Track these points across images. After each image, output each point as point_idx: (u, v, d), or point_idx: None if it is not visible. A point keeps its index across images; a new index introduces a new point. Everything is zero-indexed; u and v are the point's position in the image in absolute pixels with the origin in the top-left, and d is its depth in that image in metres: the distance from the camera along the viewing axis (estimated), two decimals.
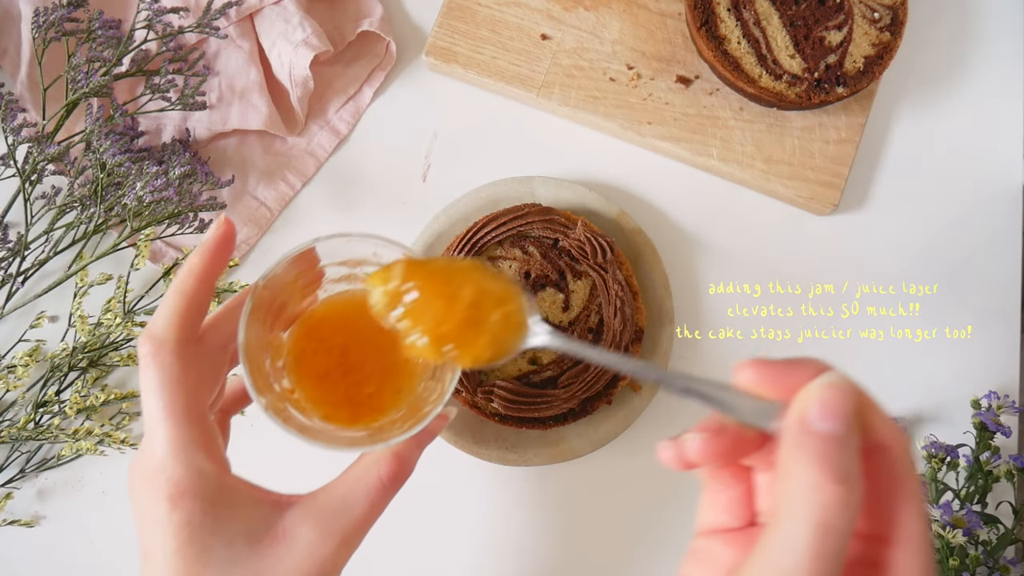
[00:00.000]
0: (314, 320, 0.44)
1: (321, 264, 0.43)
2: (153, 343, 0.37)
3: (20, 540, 0.59)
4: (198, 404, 0.37)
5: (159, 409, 0.36)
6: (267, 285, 0.40)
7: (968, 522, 0.52)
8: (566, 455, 0.59)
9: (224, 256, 0.40)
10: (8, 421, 0.58)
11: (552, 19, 0.64)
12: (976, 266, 0.64)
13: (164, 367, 0.37)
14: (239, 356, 0.38)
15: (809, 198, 0.62)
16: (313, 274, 0.43)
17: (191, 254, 0.40)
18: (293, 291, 0.42)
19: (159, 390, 0.36)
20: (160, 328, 0.37)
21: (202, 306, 0.39)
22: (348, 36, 0.64)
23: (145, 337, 0.37)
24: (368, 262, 0.43)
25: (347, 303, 0.45)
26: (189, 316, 0.38)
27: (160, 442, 0.36)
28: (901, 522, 0.27)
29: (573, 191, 0.62)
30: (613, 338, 0.57)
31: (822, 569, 0.25)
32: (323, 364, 0.43)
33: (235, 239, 0.41)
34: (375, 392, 0.43)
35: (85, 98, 0.59)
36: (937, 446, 0.57)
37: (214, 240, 0.40)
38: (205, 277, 0.39)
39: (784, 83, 0.60)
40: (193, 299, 0.38)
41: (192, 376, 0.37)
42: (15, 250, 0.59)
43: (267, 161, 0.64)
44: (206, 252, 0.39)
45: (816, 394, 0.27)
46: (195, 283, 0.39)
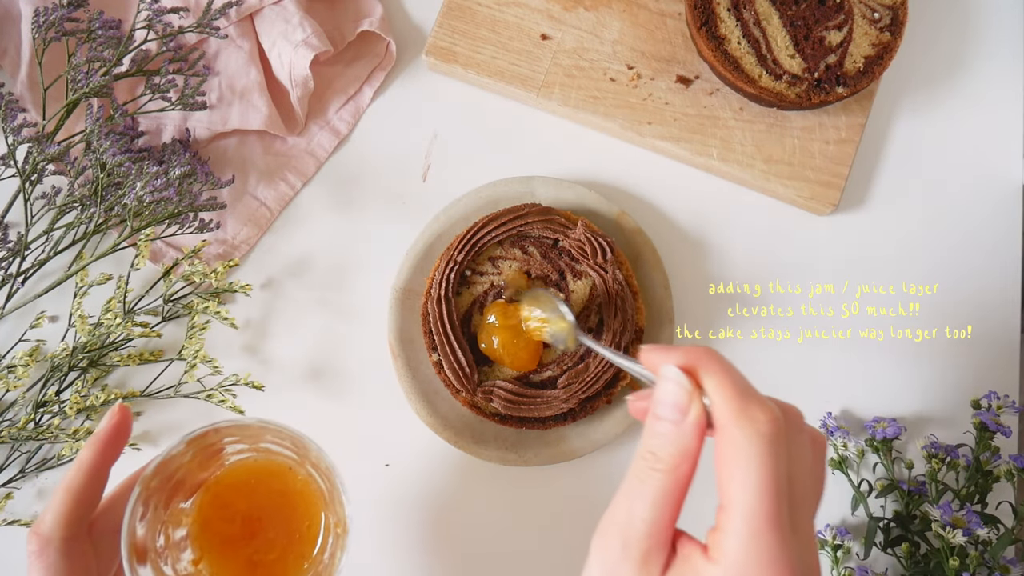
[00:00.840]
0: (219, 487, 0.45)
1: (221, 441, 0.44)
2: (39, 541, 0.39)
3: (20, 540, 0.59)
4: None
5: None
6: (155, 474, 0.41)
7: (968, 522, 0.52)
8: (566, 455, 0.59)
9: (117, 447, 0.41)
10: (8, 421, 0.58)
11: (552, 19, 0.64)
12: (976, 266, 0.64)
13: (49, 566, 0.38)
14: (122, 556, 0.39)
15: (809, 198, 0.62)
16: (212, 450, 0.44)
17: (83, 447, 0.41)
18: (192, 467, 0.44)
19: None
20: (47, 527, 0.39)
21: (91, 500, 0.40)
22: (348, 36, 0.64)
23: (32, 535, 0.39)
24: (263, 439, 0.45)
25: (251, 469, 0.46)
26: (76, 512, 0.39)
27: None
28: (725, 489, 0.32)
29: (573, 191, 0.62)
30: (613, 338, 0.57)
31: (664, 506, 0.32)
32: (228, 530, 0.44)
33: (130, 429, 0.42)
34: (278, 559, 0.44)
35: (85, 98, 0.59)
36: (937, 446, 0.57)
37: (106, 432, 0.41)
38: (95, 472, 0.40)
39: (784, 83, 0.60)
40: (81, 496, 0.40)
41: (78, 571, 0.39)
42: (15, 250, 0.59)
43: (267, 161, 0.64)
44: (97, 445, 0.41)
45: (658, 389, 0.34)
46: (83, 480, 0.40)
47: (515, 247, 0.60)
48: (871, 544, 0.57)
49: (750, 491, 0.31)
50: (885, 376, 0.62)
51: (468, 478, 0.61)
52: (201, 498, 0.44)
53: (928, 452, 0.57)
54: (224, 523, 0.44)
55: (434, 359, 0.58)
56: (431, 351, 0.58)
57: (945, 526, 0.52)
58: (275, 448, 0.46)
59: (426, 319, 0.58)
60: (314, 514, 0.46)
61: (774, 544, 0.30)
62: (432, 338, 0.57)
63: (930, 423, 0.62)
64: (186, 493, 0.44)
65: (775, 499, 0.31)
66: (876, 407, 0.62)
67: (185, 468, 0.43)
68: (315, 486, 0.46)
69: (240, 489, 0.45)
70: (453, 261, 0.58)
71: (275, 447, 0.46)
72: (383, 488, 0.61)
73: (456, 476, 0.61)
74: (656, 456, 0.33)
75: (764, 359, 0.62)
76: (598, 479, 0.61)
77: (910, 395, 0.62)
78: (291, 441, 0.44)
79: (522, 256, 0.60)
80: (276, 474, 0.46)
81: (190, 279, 0.60)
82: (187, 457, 0.42)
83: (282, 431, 0.43)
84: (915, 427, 0.62)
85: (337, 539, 0.44)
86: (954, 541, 0.51)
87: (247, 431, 0.44)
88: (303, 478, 0.46)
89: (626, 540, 0.33)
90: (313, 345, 0.62)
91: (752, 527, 0.30)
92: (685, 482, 0.33)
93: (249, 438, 0.45)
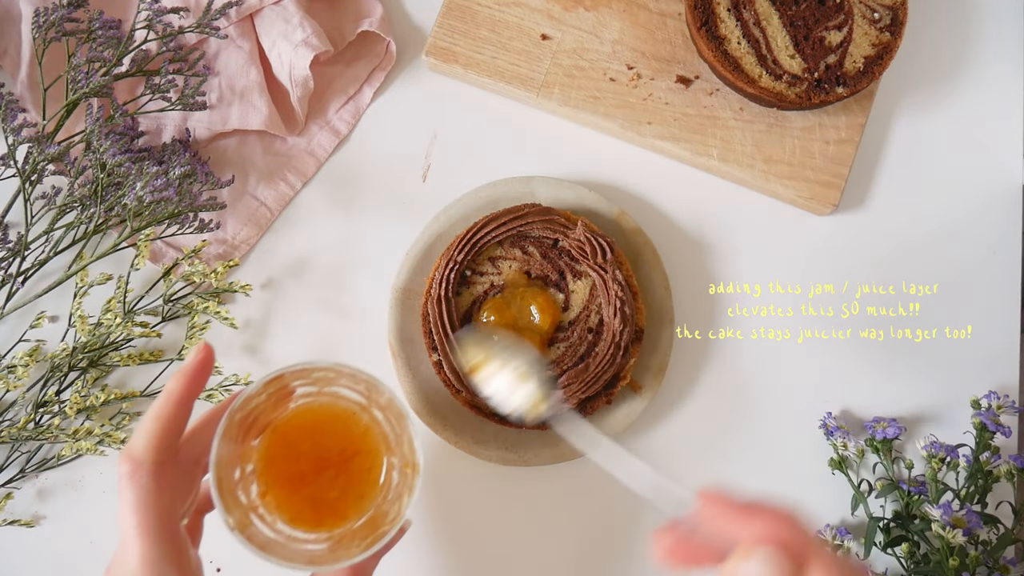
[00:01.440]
0: (285, 428, 0.47)
1: (292, 384, 0.46)
2: (131, 463, 0.40)
3: (20, 540, 0.59)
4: (170, 521, 0.40)
5: (134, 527, 0.39)
6: (241, 407, 0.43)
7: (968, 522, 0.52)
8: (566, 455, 0.59)
9: (201, 381, 0.43)
10: (8, 421, 0.58)
11: (552, 19, 0.64)
12: (976, 266, 0.64)
13: (140, 487, 0.40)
14: (211, 481, 0.41)
15: (809, 198, 0.62)
16: (284, 392, 0.46)
17: (170, 379, 0.42)
18: (265, 407, 0.45)
19: (134, 508, 0.40)
20: (139, 450, 0.40)
21: (178, 429, 0.42)
22: (348, 36, 0.64)
23: (124, 457, 0.40)
24: (335, 383, 0.47)
25: (316, 412, 0.48)
26: (166, 439, 0.41)
27: (133, 556, 0.39)
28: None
29: (573, 191, 0.62)
30: (613, 338, 0.57)
31: None
32: (291, 468, 0.46)
33: (213, 364, 0.44)
34: (339, 497, 0.46)
35: (85, 98, 0.59)
36: (937, 446, 0.57)
37: (193, 365, 0.43)
38: (182, 402, 0.42)
39: (784, 83, 0.60)
40: (170, 423, 0.41)
41: (166, 494, 0.40)
42: (15, 250, 0.59)
43: (267, 161, 0.64)
44: (184, 378, 0.42)
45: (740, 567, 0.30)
46: (173, 408, 0.42)
47: (515, 247, 0.60)
48: (871, 544, 0.57)
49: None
50: (885, 376, 0.62)
51: (468, 478, 0.61)
52: (268, 438, 0.46)
53: (928, 452, 0.57)
54: (288, 462, 0.46)
55: (434, 359, 0.58)
56: (431, 351, 0.58)
57: (945, 526, 0.52)
58: (343, 392, 0.47)
59: (426, 319, 0.58)
60: (376, 457, 0.47)
61: None
62: (432, 338, 0.57)
63: (930, 423, 0.62)
64: (255, 432, 0.46)
65: None
66: (876, 407, 0.62)
67: (260, 408, 0.45)
68: (377, 430, 0.47)
69: (304, 430, 0.47)
70: (453, 261, 0.58)
71: (344, 391, 0.47)
72: None
73: (456, 476, 0.61)
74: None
75: (764, 359, 0.62)
76: (598, 479, 0.61)
77: (910, 395, 0.62)
78: (365, 385, 0.46)
79: (522, 256, 0.60)
80: (339, 418, 0.47)
81: (190, 279, 0.60)
82: (262, 397, 0.44)
83: (357, 375, 0.45)
84: (915, 427, 0.62)
85: (405, 479, 0.46)
86: (954, 541, 0.51)
87: (322, 374, 0.46)
88: (365, 423, 0.48)
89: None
90: (313, 345, 0.62)
91: None
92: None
93: (321, 381, 0.47)
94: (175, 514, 0.41)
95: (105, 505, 0.60)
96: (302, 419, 0.47)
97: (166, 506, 0.40)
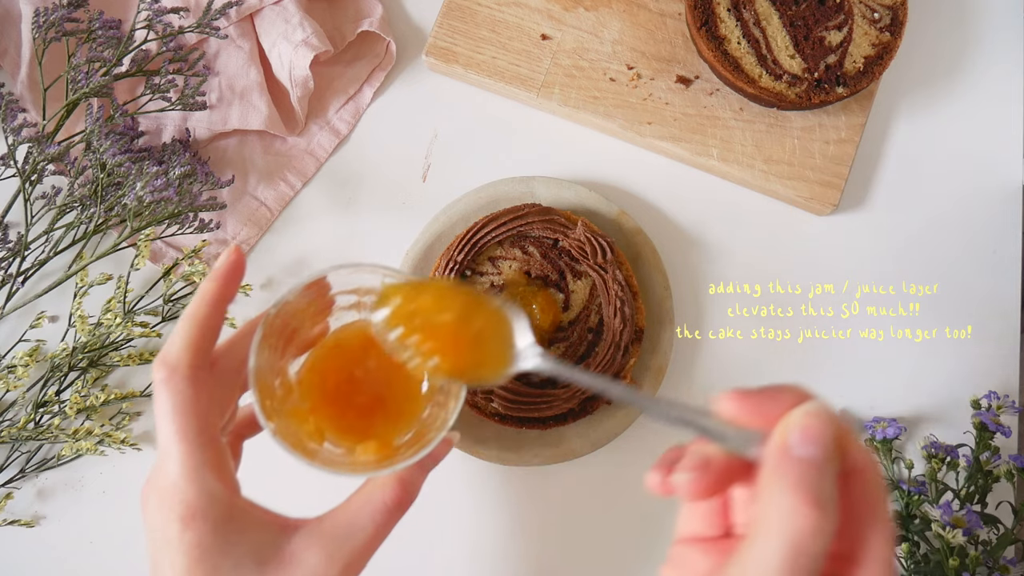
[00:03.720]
0: (326, 347, 0.46)
1: (331, 292, 0.44)
2: (166, 368, 0.38)
3: (20, 540, 0.59)
4: (210, 427, 0.39)
5: (172, 433, 0.38)
6: (279, 313, 0.41)
7: (968, 522, 0.52)
8: (566, 455, 0.59)
9: (235, 283, 0.42)
10: (8, 421, 0.58)
11: (552, 19, 0.64)
12: (976, 266, 0.64)
13: (177, 392, 0.38)
14: (249, 382, 0.39)
15: (809, 198, 0.62)
16: (324, 302, 0.45)
17: (203, 280, 0.41)
18: (304, 318, 0.44)
19: (172, 414, 0.38)
20: (173, 354, 0.39)
21: (214, 332, 0.40)
22: (348, 36, 0.64)
23: (159, 363, 0.39)
24: (376, 291, 0.45)
25: (356, 331, 0.47)
26: (201, 342, 0.39)
27: (173, 464, 0.37)
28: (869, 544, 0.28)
29: (573, 191, 0.62)
30: (613, 338, 0.57)
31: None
32: (333, 387, 0.45)
33: (245, 266, 0.42)
34: (382, 415, 0.45)
35: (85, 98, 0.59)
36: (937, 446, 0.57)
37: (225, 266, 0.41)
38: (216, 303, 0.40)
39: (784, 83, 0.60)
40: (205, 325, 0.40)
41: (204, 400, 0.39)
42: (15, 250, 0.59)
43: (267, 161, 0.64)
44: (218, 278, 0.41)
45: (797, 421, 0.28)
46: (207, 309, 0.40)
47: (515, 247, 0.60)
48: None
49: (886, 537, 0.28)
50: (885, 376, 0.62)
51: (468, 478, 0.61)
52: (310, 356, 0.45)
53: (928, 452, 0.57)
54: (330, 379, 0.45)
55: None
56: None
57: (945, 526, 0.52)
58: None
59: None
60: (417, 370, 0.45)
61: None
62: None
63: (930, 423, 0.62)
64: (296, 348, 0.45)
65: None
66: (876, 407, 0.62)
67: (299, 316, 0.43)
68: None
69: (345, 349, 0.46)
70: (453, 261, 0.58)
71: None
72: None
73: (456, 476, 0.61)
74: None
75: (764, 359, 0.62)
76: (598, 479, 0.61)
77: (910, 395, 0.62)
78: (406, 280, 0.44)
79: (522, 256, 0.60)
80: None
81: (190, 279, 0.60)
82: (302, 303, 0.43)
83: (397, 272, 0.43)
84: (915, 427, 0.62)
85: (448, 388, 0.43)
86: (954, 541, 0.51)
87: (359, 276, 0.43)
88: None
89: None
90: None
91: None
92: None
93: (361, 290, 0.45)
94: (214, 422, 0.39)
95: (105, 505, 0.60)
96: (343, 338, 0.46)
97: (204, 412, 0.38)
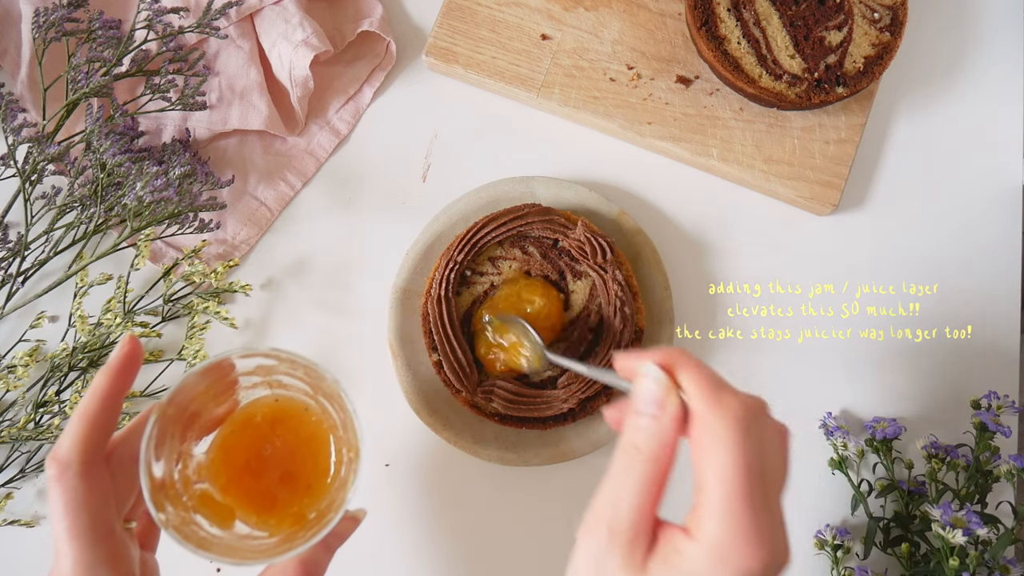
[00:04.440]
0: (235, 423, 0.46)
1: (234, 373, 0.45)
2: (58, 466, 0.39)
3: (20, 540, 0.59)
4: (103, 522, 0.39)
5: (64, 531, 0.38)
6: (171, 402, 0.41)
7: (968, 522, 0.52)
8: (566, 455, 0.59)
9: (129, 376, 0.42)
10: (8, 421, 0.58)
11: (552, 19, 0.64)
12: (976, 266, 0.64)
13: (69, 488, 0.38)
14: (139, 475, 0.40)
15: (809, 198, 0.62)
16: (226, 382, 0.45)
17: (96, 375, 0.41)
18: (206, 400, 0.44)
19: (64, 512, 0.38)
20: (65, 451, 0.39)
21: (107, 426, 0.41)
22: (348, 36, 0.64)
23: (50, 459, 0.39)
24: (276, 371, 0.46)
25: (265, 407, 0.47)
26: (93, 438, 0.40)
27: (66, 562, 0.38)
28: (706, 475, 0.34)
29: (573, 191, 0.62)
30: (613, 338, 0.57)
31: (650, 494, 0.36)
32: (243, 464, 0.45)
33: (141, 358, 0.43)
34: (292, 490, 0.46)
35: (85, 98, 0.59)
36: (937, 446, 0.57)
37: (118, 361, 0.42)
38: (109, 398, 0.41)
39: (784, 83, 0.60)
40: (97, 421, 0.40)
41: (97, 496, 0.39)
42: (15, 250, 0.59)
43: (267, 161, 0.64)
44: (110, 374, 0.41)
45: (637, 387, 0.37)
46: (98, 406, 0.40)
47: (515, 247, 0.60)
48: (871, 544, 0.57)
49: (727, 472, 0.33)
50: (885, 376, 0.62)
51: (468, 478, 0.61)
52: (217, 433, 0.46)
53: (928, 452, 0.57)
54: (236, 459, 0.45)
55: (434, 359, 0.58)
56: (431, 351, 0.58)
57: (945, 526, 0.52)
58: (287, 381, 0.46)
59: (426, 319, 0.58)
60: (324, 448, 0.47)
61: (750, 520, 0.32)
62: (432, 338, 0.57)
63: (930, 423, 0.62)
64: (201, 429, 0.45)
65: (749, 479, 0.33)
66: (876, 407, 0.62)
67: (199, 400, 0.44)
68: (328, 422, 0.47)
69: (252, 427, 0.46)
70: (453, 261, 0.58)
71: (287, 379, 0.46)
72: (383, 488, 0.60)
73: (456, 476, 0.61)
74: (638, 448, 0.36)
75: (764, 359, 0.62)
76: (598, 479, 0.60)
77: (910, 395, 0.62)
78: (304, 371, 0.45)
79: (522, 256, 0.60)
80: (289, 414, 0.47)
81: (190, 279, 0.60)
82: (200, 387, 0.43)
83: (296, 360, 0.44)
84: (915, 427, 0.62)
85: (350, 465, 0.45)
86: (954, 541, 0.51)
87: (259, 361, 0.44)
88: (316, 417, 0.47)
89: (612, 529, 0.35)
90: (313, 345, 0.62)
91: (729, 505, 0.33)
92: (665, 471, 0.36)
93: (262, 370, 0.46)
94: (109, 516, 0.40)
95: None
96: (250, 416, 0.46)
97: (97, 507, 0.39)
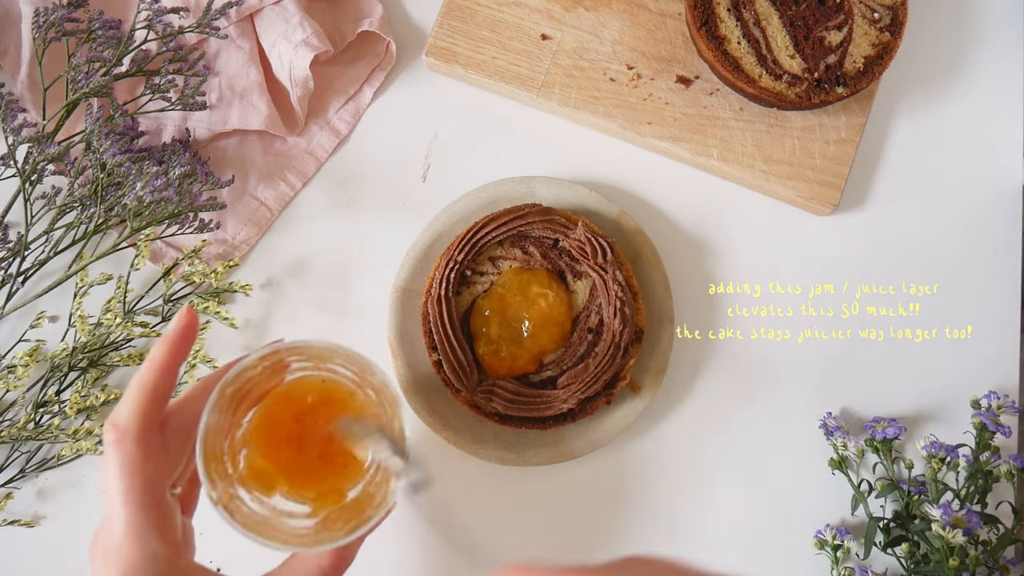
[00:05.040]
0: (279, 398, 0.47)
1: (288, 358, 0.46)
2: (116, 431, 0.40)
3: (20, 540, 0.59)
4: (156, 489, 0.40)
5: (119, 494, 0.39)
6: (234, 381, 0.43)
7: (968, 522, 0.52)
8: (565, 455, 0.59)
9: (185, 347, 0.43)
10: (8, 421, 0.58)
11: (552, 19, 0.64)
12: (976, 266, 0.64)
13: (125, 455, 0.40)
14: (197, 455, 0.41)
15: (809, 198, 0.62)
16: (279, 365, 0.46)
17: (154, 346, 0.42)
18: (259, 380, 0.45)
19: (120, 476, 0.40)
20: (123, 418, 0.40)
21: (163, 396, 0.42)
22: (348, 36, 0.64)
23: (109, 425, 0.40)
24: (331, 360, 0.46)
25: (311, 385, 0.48)
26: (150, 406, 0.41)
27: (119, 524, 0.39)
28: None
29: (573, 191, 0.62)
30: (613, 338, 0.57)
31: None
32: (282, 436, 0.46)
33: (197, 330, 0.44)
34: (330, 466, 0.46)
35: (85, 98, 0.59)
36: (937, 446, 0.57)
37: (176, 333, 0.43)
38: (167, 369, 0.42)
39: (784, 83, 0.60)
40: (154, 390, 0.41)
41: (152, 462, 0.40)
42: (15, 250, 0.59)
43: (267, 161, 0.64)
44: (168, 345, 0.42)
45: None
46: (157, 375, 0.42)
47: (515, 247, 0.60)
48: (871, 544, 0.57)
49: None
50: (885, 376, 0.62)
51: (468, 478, 0.61)
52: (261, 408, 0.46)
53: (928, 452, 0.57)
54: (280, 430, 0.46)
55: (434, 359, 0.58)
56: (431, 351, 0.58)
57: (945, 526, 0.52)
58: (339, 369, 0.47)
59: (426, 319, 0.58)
60: None
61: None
62: (432, 338, 0.57)
63: (930, 423, 0.62)
64: (248, 404, 0.46)
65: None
66: (876, 407, 0.62)
67: (253, 380, 0.45)
68: (371, 410, 0.47)
69: (298, 401, 0.46)
70: (453, 261, 0.58)
71: (340, 368, 0.47)
72: None
73: (456, 476, 0.61)
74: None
75: (764, 359, 0.62)
76: (598, 479, 0.61)
77: (910, 395, 0.62)
78: (359, 367, 0.46)
79: (522, 256, 0.60)
80: (334, 392, 0.47)
81: (190, 279, 0.60)
82: (257, 370, 0.44)
83: (351, 356, 0.45)
84: (915, 427, 0.62)
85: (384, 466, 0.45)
86: (954, 541, 0.51)
87: (317, 351, 0.45)
88: (360, 401, 0.47)
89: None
90: None
91: None
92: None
93: (317, 358, 0.46)
94: (161, 482, 0.41)
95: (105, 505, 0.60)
96: (296, 390, 0.47)
97: (152, 474, 0.40)
